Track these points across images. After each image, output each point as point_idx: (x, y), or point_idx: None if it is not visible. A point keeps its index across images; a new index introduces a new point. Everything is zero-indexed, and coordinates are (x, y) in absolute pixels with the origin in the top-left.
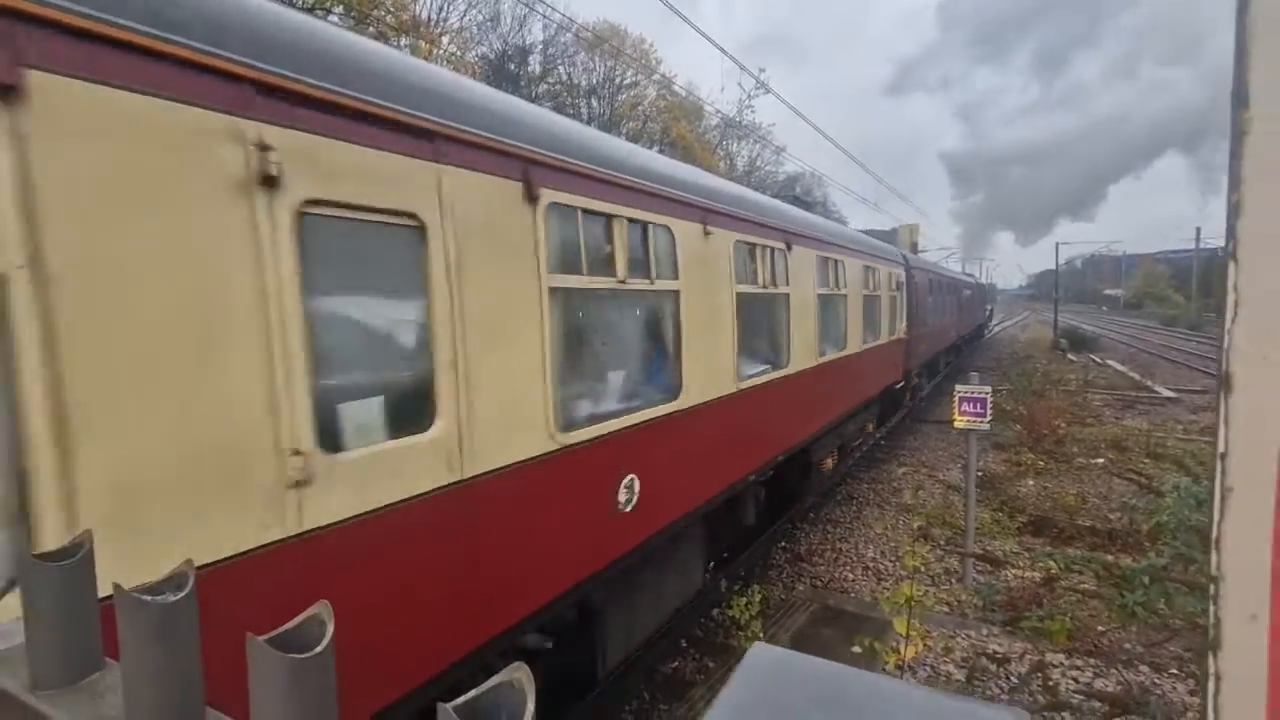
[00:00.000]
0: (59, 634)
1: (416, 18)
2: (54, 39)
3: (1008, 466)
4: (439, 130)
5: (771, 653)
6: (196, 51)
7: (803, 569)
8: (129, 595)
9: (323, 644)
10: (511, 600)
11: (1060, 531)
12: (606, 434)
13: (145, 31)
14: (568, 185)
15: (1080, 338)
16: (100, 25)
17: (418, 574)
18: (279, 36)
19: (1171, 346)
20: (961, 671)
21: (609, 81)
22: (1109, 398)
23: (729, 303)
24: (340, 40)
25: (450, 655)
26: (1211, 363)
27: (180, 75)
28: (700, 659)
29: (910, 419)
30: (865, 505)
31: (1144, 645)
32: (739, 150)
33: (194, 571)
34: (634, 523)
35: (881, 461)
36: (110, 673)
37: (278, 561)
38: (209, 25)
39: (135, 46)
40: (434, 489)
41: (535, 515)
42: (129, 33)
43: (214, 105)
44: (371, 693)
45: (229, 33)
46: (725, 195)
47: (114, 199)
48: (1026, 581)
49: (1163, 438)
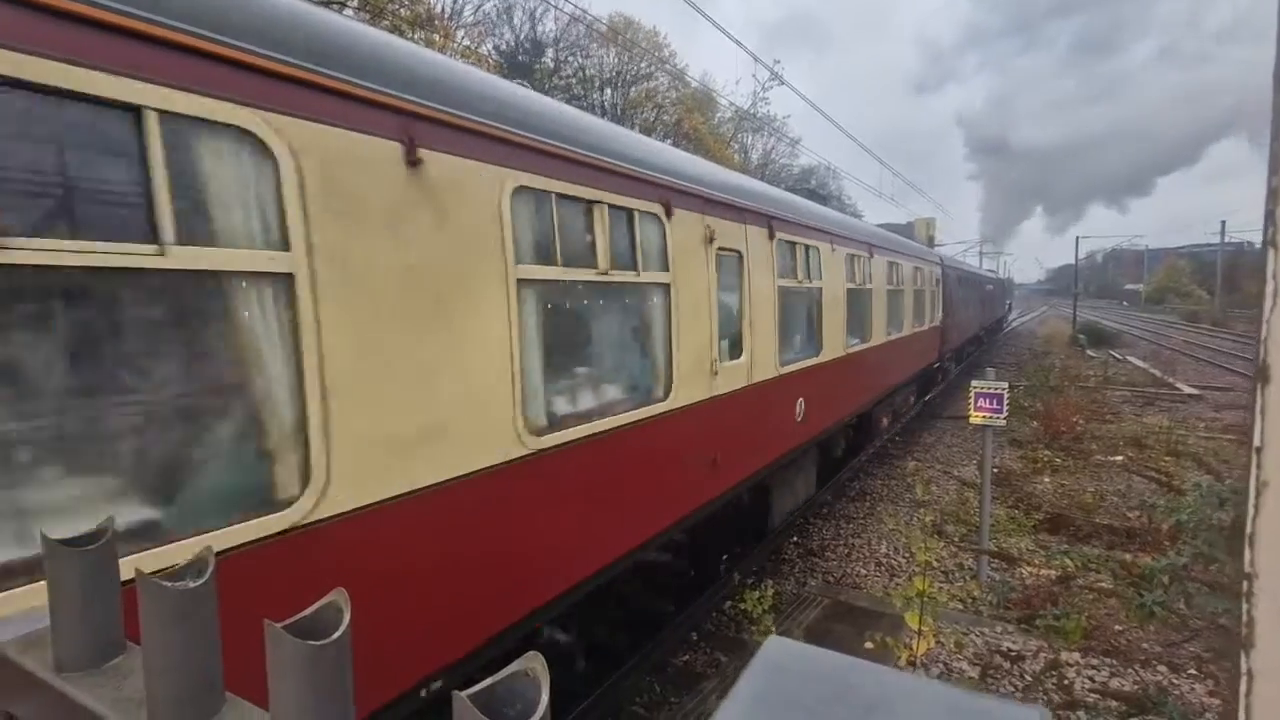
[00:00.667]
0: (82, 618)
1: (431, 10)
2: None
3: (1024, 463)
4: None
5: (788, 646)
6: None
7: (815, 564)
8: (150, 580)
9: (340, 630)
10: (740, 469)
11: (1077, 529)
12: (794, 370)
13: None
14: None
15: (1100, 333)
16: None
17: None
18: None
19: (1194, 343)
20: (975, 669)
21: (620, 74)
22: (1129, 394)
23: (843, 296)
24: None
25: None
26: (1236, 359)
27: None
28: (711, 652)
29: (926, 414)
30: (879, 501)
31: (1162, 645)
32: (754, 143)
33: (214, 558)
34: (802, 430)
35: (895, 457)
36: (132, 657)
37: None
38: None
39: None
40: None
41: (765, 418)
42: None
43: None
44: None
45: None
46: (833, 222)
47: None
48: (1042, 579)
49: (1184, 435)
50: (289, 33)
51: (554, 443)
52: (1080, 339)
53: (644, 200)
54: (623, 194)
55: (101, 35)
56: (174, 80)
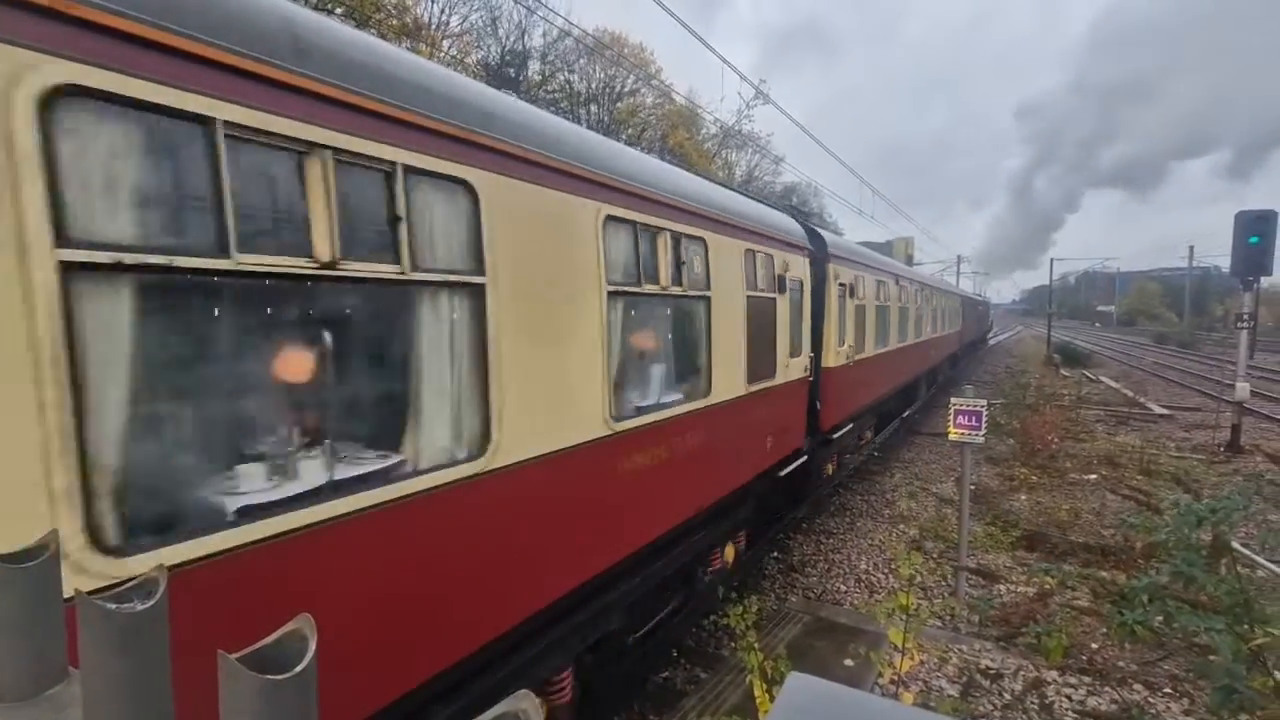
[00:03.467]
0: (20, 642)
1: (419, 20)
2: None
3: (1001, 480)
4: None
5: (810, 684)
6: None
7: (795, 580)
8: (91, 603)
9: (303, 663)
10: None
11: (1054, 546)
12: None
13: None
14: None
15: (1074, 353)
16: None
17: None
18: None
19: (1163, 364)
20: (955, 687)
21: (608, 89)
22: (1102, 413)
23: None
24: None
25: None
26: (1204, 380)
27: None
28: (691, 669)
29: (905, 430)
30: (859, 516)
31: (1138, 664)
32: (738, 160)
33: (165, 577)
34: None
35: (875, 473)
36: (74, 684)
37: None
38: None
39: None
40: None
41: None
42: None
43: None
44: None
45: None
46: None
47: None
48: (1020, 596)
49: (1155, 454)
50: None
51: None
52: (1055, 358)
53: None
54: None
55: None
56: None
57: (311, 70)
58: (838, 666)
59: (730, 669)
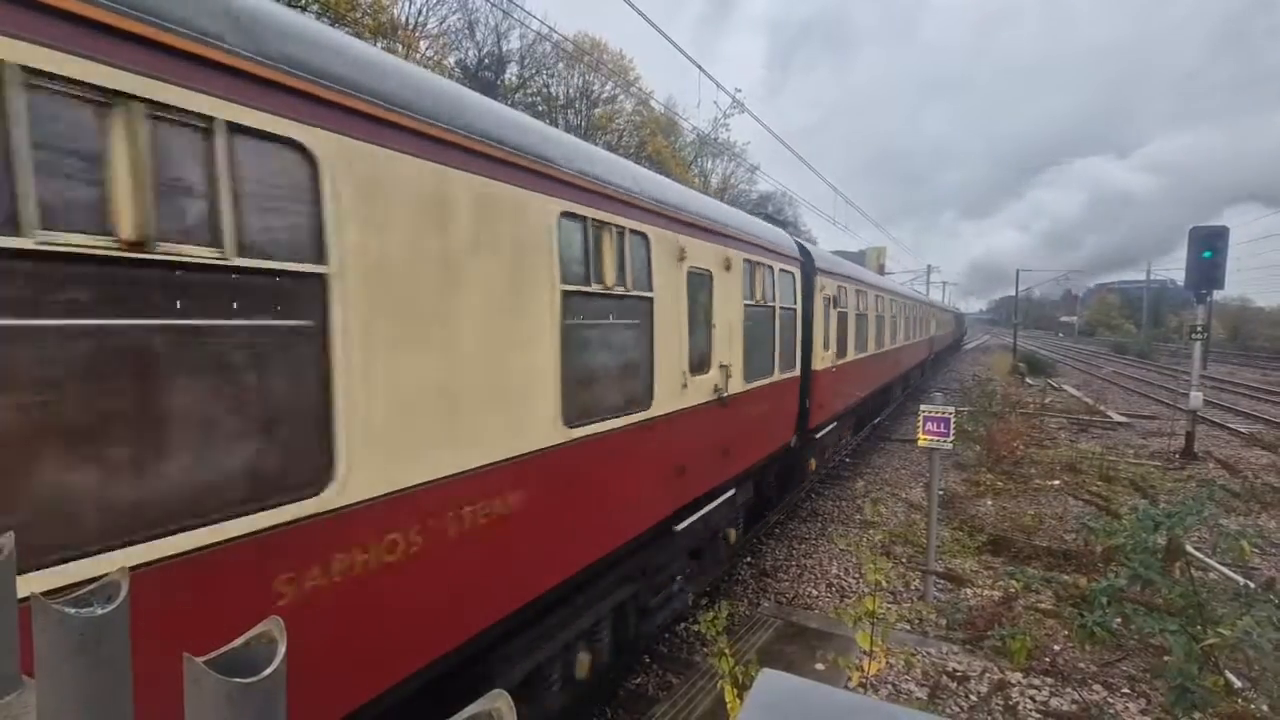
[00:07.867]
0: None
1: (395, 20)
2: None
3: (967, 486)
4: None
5: (782, 681)
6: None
7: (767, 585)
8: (49, 606)
9: (272, 665)
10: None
11: (1018, 551)
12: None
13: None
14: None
15: (1038, 363)
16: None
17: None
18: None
19: (1121, 373)
20: (923, 689)
21: (585, 94)
22: (1064, 421)
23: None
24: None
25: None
26: (1160, 389)
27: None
28: (663, 675)
29: (875, 436)
30: (830, 522)
31: (1097, 665)
32: (713, 168)
33: (127, 581)
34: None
35: (846, 479)
36: (28, 694)
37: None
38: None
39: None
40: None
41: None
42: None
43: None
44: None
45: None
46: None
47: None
48: (986, 600)
49: (1115, 461)
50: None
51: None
52: (1020, 367)
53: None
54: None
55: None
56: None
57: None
58: (808, 671)
59: (702, 674)
